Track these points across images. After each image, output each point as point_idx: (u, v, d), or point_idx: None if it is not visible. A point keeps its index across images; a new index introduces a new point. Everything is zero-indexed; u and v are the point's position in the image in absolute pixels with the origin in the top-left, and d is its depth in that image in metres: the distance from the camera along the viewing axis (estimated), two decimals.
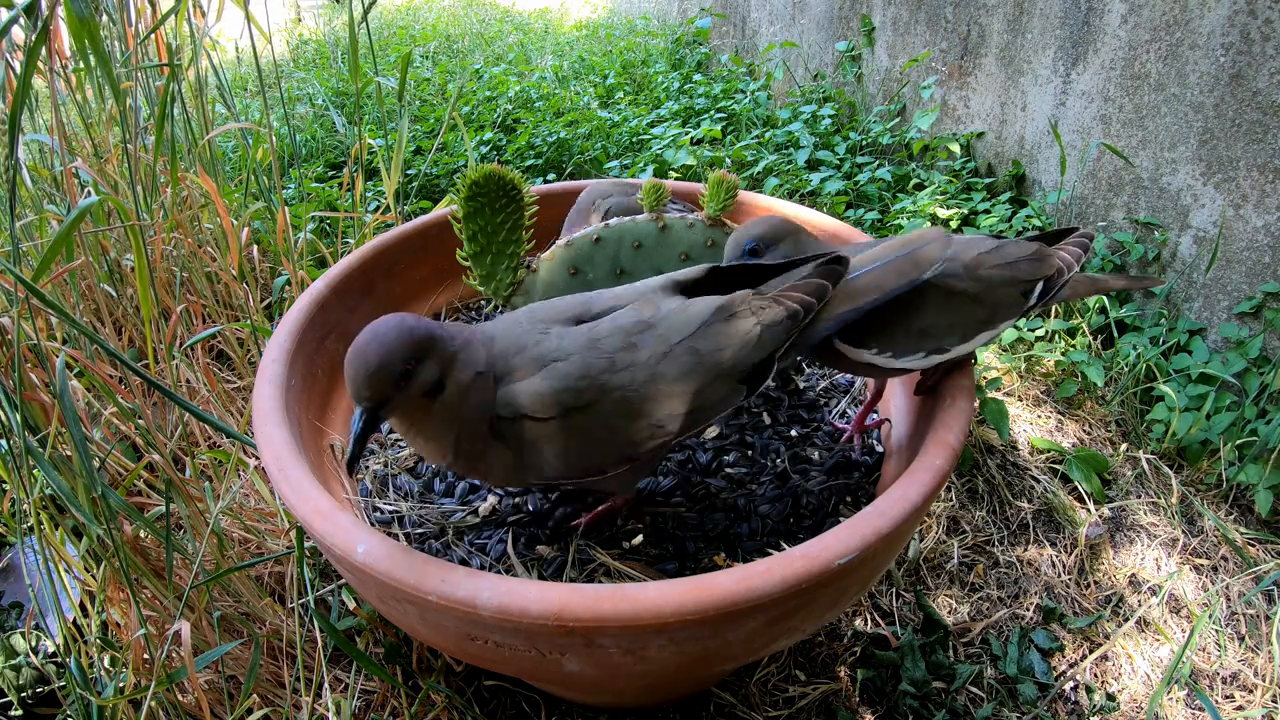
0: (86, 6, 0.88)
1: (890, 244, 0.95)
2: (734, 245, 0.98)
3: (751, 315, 0.86)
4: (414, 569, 0.74)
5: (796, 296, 0.88)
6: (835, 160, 2.43)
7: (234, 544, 1.26)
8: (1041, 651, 1.27)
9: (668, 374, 0.82)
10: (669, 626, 0.70)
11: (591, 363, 0.81)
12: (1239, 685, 1.24)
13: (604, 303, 0.88)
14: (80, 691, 0.97)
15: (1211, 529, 1.46)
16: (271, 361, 1.01)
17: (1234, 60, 1.55)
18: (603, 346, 0.82)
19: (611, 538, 0.99)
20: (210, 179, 1.42)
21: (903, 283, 0.91)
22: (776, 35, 3.17)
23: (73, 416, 0.85)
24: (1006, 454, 1.62)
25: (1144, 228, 1.80)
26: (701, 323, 0.84)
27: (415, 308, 1.35)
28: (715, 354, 0.84)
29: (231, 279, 1.56)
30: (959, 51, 2.27)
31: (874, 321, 0.94)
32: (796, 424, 1.16)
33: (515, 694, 1.18)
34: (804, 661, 1.24)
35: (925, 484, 0.82)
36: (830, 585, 0.76)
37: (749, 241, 0.97)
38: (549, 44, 4.11)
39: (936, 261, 0.92)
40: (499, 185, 1.03)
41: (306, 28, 4.85)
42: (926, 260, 0.92)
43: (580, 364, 0.81)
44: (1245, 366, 1.55)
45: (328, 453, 1.07)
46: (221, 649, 1.02)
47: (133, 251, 0.97)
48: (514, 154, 2.69)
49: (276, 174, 1.55)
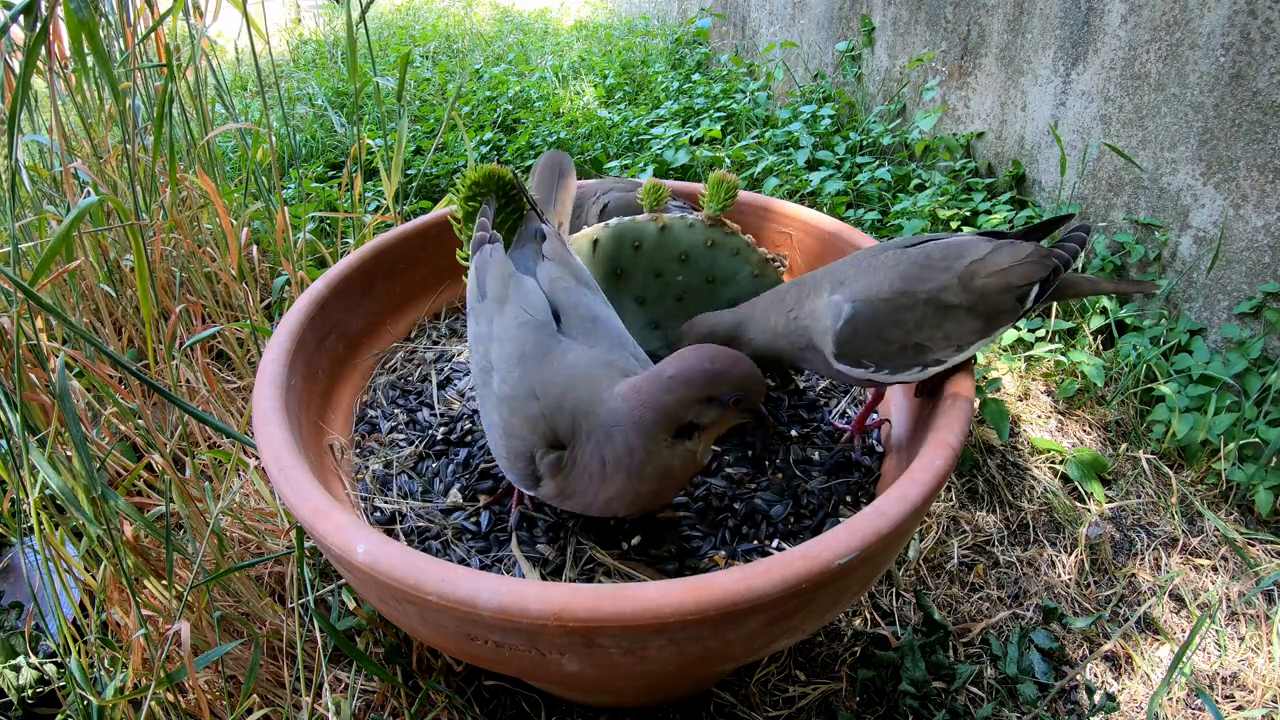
0: (85, 6, 0.88)
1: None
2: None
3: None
4: (414, 569, 0.74)
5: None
6: (835, 160, 2.43)
7: (234, 544, 1.26)
8: (1041, 651, 1.27)
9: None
10: (669, 626, 0.70)
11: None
12: (1239, 685, 1.24)
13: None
14: (80, 691, 0.97)
15: (1211, 529, 1.46)
16: (271, 361, 1.01)
17: (1234, 60, 1.55)
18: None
19: (611, 538, 0.99)
20: (209, 179, 1.42)
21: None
22: (776, 35, 3.17)
23: (72, 417, 0.85)
24: (1006, 454, 1.62)
25: (1144, 228, 1.80)
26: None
27: (415, 308, 1.35)
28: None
29: (231, 279, 1.56)
30: (959, 51, 2.27)
31: (867, 341, 0.94)
32: (796, 424, 1.16)
33: (515, 694, 1.18)
34: (804, 661, 1.24)
35: (925, 484, 0.82)
36: (830, 585, 0.76)
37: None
38: (549, 44, 4.11)
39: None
40: (499, 185, 1.03)
41: (306, 28, 4.85)
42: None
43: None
44: (1246, 367, 1.55)
45: (328, 453, 1.07)
46: (221, 649, 1.02)
47: (132, 252, 0.97)
48: (514, 154, 2.69)
49: (276, 174, 1.55)
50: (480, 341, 0.92)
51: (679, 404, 0.79)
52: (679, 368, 0.79)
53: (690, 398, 0.79)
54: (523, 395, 0.85)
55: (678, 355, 0.81)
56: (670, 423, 0.79)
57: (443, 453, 1.11)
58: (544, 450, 0.84)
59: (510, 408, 0.86)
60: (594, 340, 0.88)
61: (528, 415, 0.84)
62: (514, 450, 0.86)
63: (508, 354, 0.88)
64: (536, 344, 0.87)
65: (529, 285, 0.93)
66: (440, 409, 1.18)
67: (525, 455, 0.85)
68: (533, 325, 0.88)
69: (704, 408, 0.80)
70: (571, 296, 0.92)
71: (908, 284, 0.94)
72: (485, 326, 0.92)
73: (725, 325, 1.03)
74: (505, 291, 0.92)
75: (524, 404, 0.85)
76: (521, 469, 0.86)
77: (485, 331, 0.92)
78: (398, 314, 1.33)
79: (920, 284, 0.94)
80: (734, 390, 0.80)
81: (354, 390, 1.21)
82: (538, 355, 0.86)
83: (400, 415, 1.17)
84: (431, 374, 1.24)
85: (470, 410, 1.18)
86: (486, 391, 0.90)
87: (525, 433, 0.85)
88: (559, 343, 0.88)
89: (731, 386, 0.79)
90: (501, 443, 0.88)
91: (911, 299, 0.93)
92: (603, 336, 0.89)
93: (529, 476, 0.86)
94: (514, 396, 0.85)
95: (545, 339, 0.87)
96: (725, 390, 0.79)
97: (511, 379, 0.86)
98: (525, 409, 0.84)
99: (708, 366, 0.79)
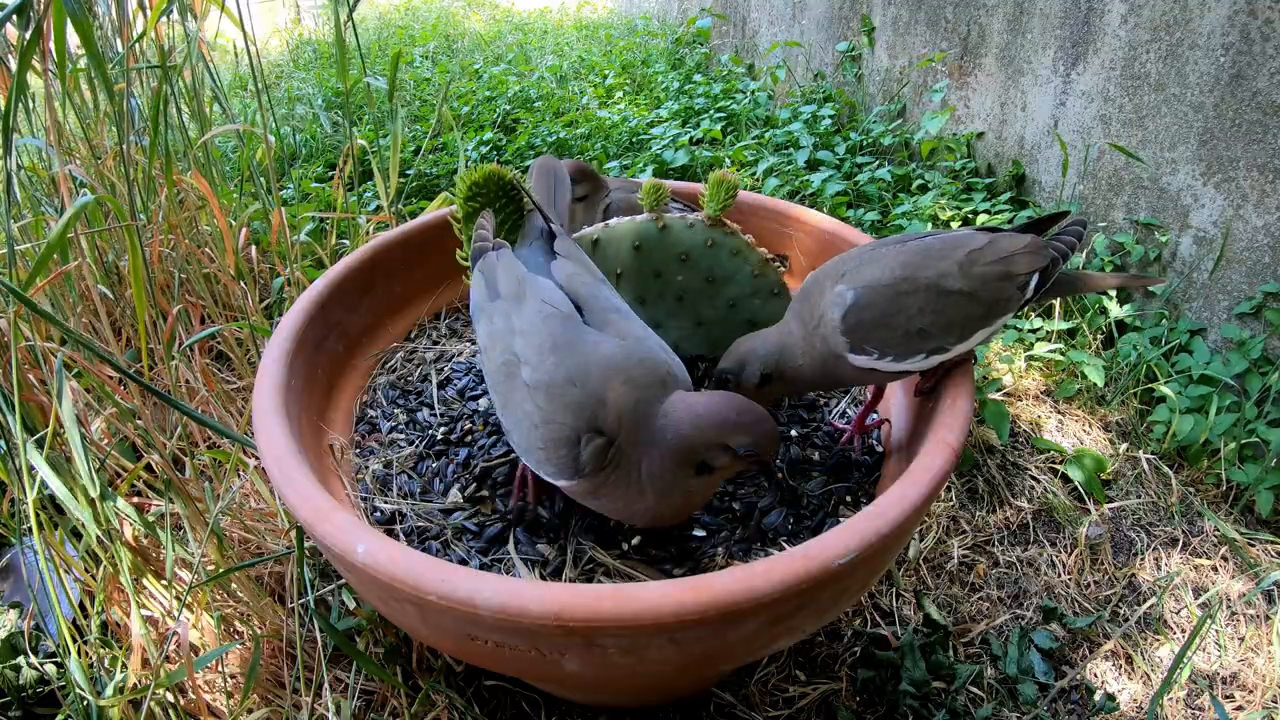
0: (78, 5, 0.87)
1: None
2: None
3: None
4: (414, 569, 0.74)
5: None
6: (835, 160, 2.43)
7: (234, 544, 1.26)
8: (1041, 651, 1.27)
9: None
10: (669, 627, 0.70)
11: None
12: (1239, 685, 1.24)
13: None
14: (80, 691, 0.97)
15: (1211, 529, 1.46)
16: (271, 361, 1.01)
17: (1234, 60, 1.55)
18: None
19: (611, 538, 0.99)
20: (205, 180, 1.42)
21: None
22: (777, 35, 3.17)
23: (70, 418, 0.85)
24: (1006, 454, 1.62)
25: (1144, 228, 1.80)
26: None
27: (416, 308, 1.35)
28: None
29: (230, 279, 1.56)
30: (959, 51, 2.27)
31: (871, 328, 0.94)
32: (796, 424, 1.16)
33: (515, 694, 1.18)
34: (804, 661, 1.24)
35: (925, 484, 0.82)
36: (830, 585, 0.76)
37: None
38: (549, 44, 4.11)
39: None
40: (498, 185, 1.03)
41: (306, 28, 4.85)
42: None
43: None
44: (1246, 367, 1.55)
45: (328, 453, 1.07)
46: (221, 649, 1.02)
47: (128, 251, 0.97)
48: (514, 154, 2.69)
49: (273, 175, 1.55)
50: (499, 338, 0.91)
51: (702, 443, 0.83)
52: (707, 409, 0.84)
53: (710, 440, 0.83)
54: (561, 382, 0.85)
55: (711, 398, 0.85)
56: (691, 456, 0.84)
57: (443, 453, 1.11)
58: (590, 435, 0.84)
59: (547, 395, 0.85)
60: (621, 331, 0.89)
61: (568, 401, 0.84)
62: (553, 438, 0.85)
63: (536, 345, 0.87)
64: (565, 334, 0.87)
65: (546, 283, 0.93)
66: (440, 409, 1.18)
67: (569, 441, 0.84)
68: (559, 317, 0.88)
69: (718, 452, 0.84)
70: (591, 290, 0.93)
71: (909, 271, 0.95)
72: (503, 323, 0.91)
73: (768, 348, 1.02)
74: (521, 289, 0.92)
75: (563, 390, 0.84)
76: (563, 456, 0.85)
77: (504, 327, 0.91)
78: (398, 314, 1.33)
79: (921, 270, 0.95)
80: (749, 445, 0.83)
81: (354, 390, 1.21)
82: (570, 343, 0.87)
83: (400, 415, 1.17)
84: (431, 374, 1.24)
85: (470, 410, 1.17)
86: (513, 384, 0.88)
87: (568, 418, 0.84)
88: (588, 333, 0.88)
89: (748, 441, 0.83)
90: (536, 433, 0.86)
91: (913, 284, 0.95)
92: (628, 328, 0.90)
93: (568, 466, 0.85)
94: (551, 384, 0.85)
95: (573, 330, 0.88)
96: (741, 443, 0.83)
97: (546, 367, 0.86)
98: (565, 395, 0.84)
99: (732, 418, 0.83)
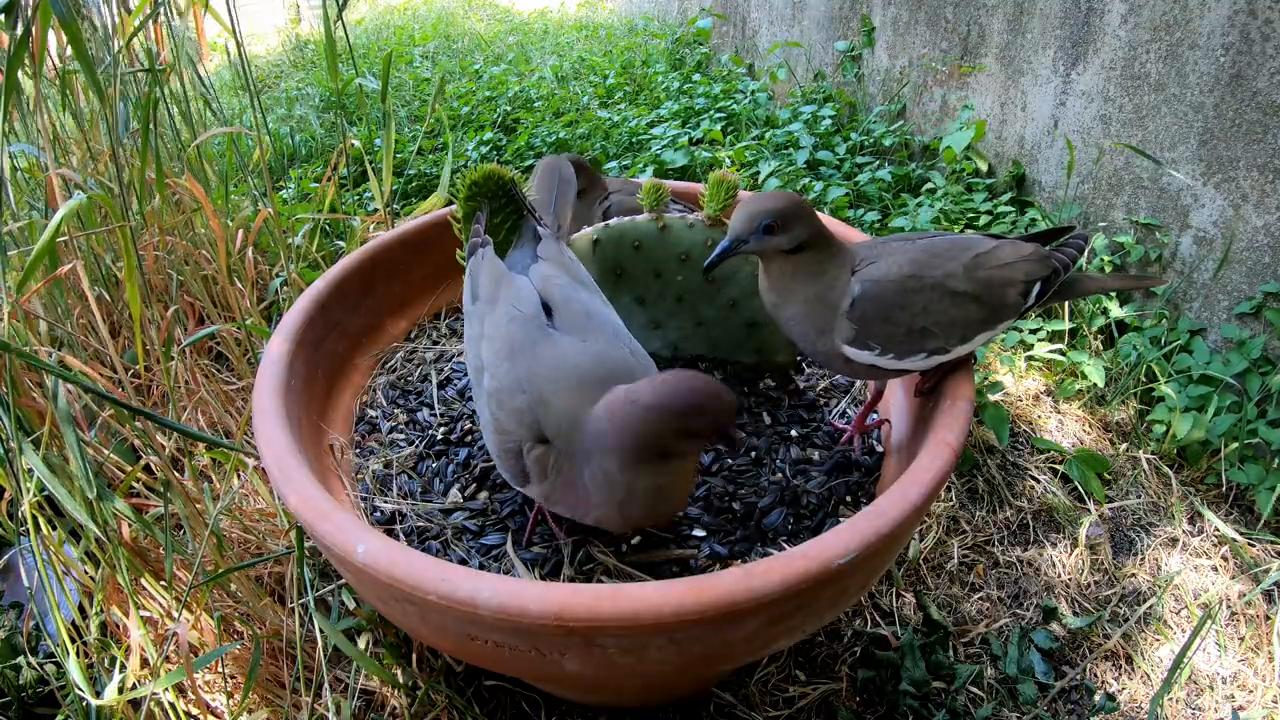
0: (65, 6, 0.87)
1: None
2: (746, 219, 0.93)
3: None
4: (414, 569, 0.74)
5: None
6: (835, 161, 2.43)
7: (233, 544, 1.25)
8: (1041, 651, 1.27)
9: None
10: (669, 626, 0.70)
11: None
12: (1239, 685, 1.24)
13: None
14: (79, 692, 0.97)
15: (1211, 529, 1.46)
16: (271, 362, 1.01)
17: (1234, 60, 1.55)
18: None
19: (611, 537, 0.99)
20: (198, 182, 1.41)
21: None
22: (777, 35, 3.17)
23: (65, 418, 0.84)
24: (1006, 454, 1.62)
25: (1144, 228, 1.80)
26: None
27: (416, 308, 1.35)
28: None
29: (226, 281, 1.56)
30: (959, 51, 2.27)
31: (876, 323, 0.94)
32: (796, 424, 1.16)
33: (515, 694, 1.18)
34: (804, 661, 1.24)
35: (925, 484, 0.82)
36: (830, 585, 0.76)
37: (765, 218, 0.92)
38: (549, 44, 4.11)
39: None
40: (498, 185, 1.03)
41: (305, 28, 4.84)
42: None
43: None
44: (1246, 367, 1.55)
45: (328, 453, 1.07)
46: (221, 649, 1.02)
47: (122, 252, 0.97)
48: (514, 154, 2.69)
49: (266, 176, 1.55)
50: (473, 343, 0.92)
51: (656, 437, 0.76)
52: (654, 400, 0.75)
53: (666, 430, 0.76)
54: (509, 388, 0.84)
55: (655, 384, 0.77)
56: (648, 452, 0.77)
57: (443, 453, 1.11)
58: (530, 444, 0.83)
59: (498, 402, 0.85)
60: (587, 334, 0.88)
61: (514, 408, 0.84)
62: (503, 446, 0.86)
63: (497, 350, 0.87)
64: (525, 336, 0.87)
65: (520, 282, 0.93)
66: (440, 409, 1.18)
67: (514, 451, 0.85)
68: (521, 319, 0.88)
69: (678, 439, 0.77)
70: (564, 292, 0.92)
71: (917, 269, 0.96)
72: (477, 328, 0.92)
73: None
74: (496, 292, 0.92)
75: (510, 397, 0.84)
76: (511, 466, 0.86)
77: (477, 333, 0.92)
78: (398, 314, 1.33)
79: (929, 269, 0.96)
80: (708, 423, 0.76)
81: (354, 390, 1.21)
82: (527, 348, 0.86)
83: (400, 415, 1.17)
84: (431, 374, 1.24)
85: (470, 410, 1.17)
86: (479, 390, 0.90)
87: (512, 426, 0.84)
88: (549, 335, 0.87)
89: (707, 421, 0.76)
90: (494, 440, 0.87)
91: (920, 282, 0.95)
92: (596, 330, 0.89)
93: (519, 474, 0.86)
94: (501, 390, 0.85)
95: (534, 331, 0.87)
96: (699, 425, 0.76)
97: (500, 373, 0.86)
98: (512, 402, 0.84)
99: (685, 400, 0.75)
